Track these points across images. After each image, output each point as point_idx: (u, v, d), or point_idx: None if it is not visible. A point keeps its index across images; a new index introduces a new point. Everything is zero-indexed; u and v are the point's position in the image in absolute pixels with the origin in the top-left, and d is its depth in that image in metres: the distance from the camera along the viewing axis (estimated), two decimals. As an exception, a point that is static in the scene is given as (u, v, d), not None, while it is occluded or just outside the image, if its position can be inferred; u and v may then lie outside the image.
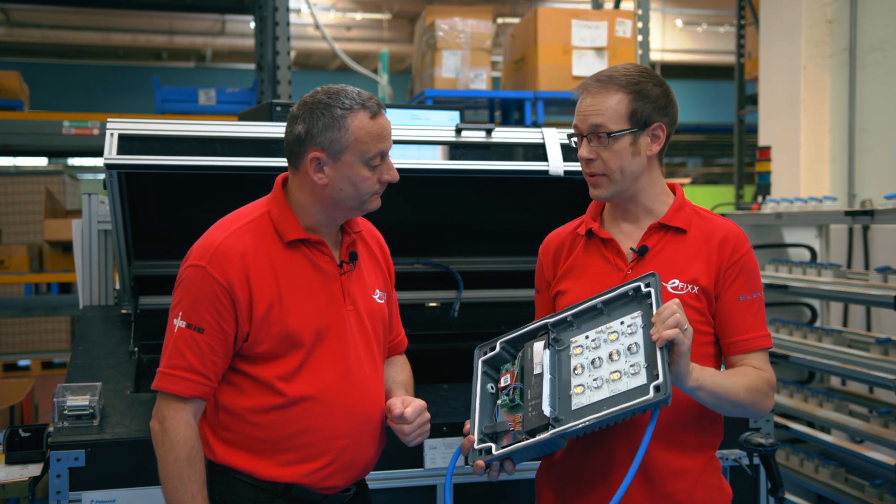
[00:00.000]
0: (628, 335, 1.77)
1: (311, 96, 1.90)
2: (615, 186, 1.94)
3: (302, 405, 1.88)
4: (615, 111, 1.90)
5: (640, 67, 1.96)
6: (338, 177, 1.87)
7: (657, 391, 1.63)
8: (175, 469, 1.81)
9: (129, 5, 10.20)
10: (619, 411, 1.66)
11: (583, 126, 1.94)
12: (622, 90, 1.90)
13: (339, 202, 1.90)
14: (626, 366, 1.72)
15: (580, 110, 1.94)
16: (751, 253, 1.96)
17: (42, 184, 8.53)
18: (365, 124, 1.86)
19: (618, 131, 1.90)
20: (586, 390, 1.75)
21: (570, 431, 1.70)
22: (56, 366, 8.79)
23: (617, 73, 1.93)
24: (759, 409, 1.89)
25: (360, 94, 1.89)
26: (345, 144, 1.85)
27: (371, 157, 1.87)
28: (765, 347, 1.93)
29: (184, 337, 1.84)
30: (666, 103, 1.94)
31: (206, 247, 1.87)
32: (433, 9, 6.16)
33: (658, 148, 1.95)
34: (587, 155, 1.94)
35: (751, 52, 8.08)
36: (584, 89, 1.95)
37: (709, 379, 1.78)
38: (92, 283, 3.17)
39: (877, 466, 3.84)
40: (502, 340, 1.99)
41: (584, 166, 1.96)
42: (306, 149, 1.87)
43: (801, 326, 4.47)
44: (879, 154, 5.95)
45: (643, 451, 1.66)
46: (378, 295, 2.05)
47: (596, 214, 2.06)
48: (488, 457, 1.79)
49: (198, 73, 14.93)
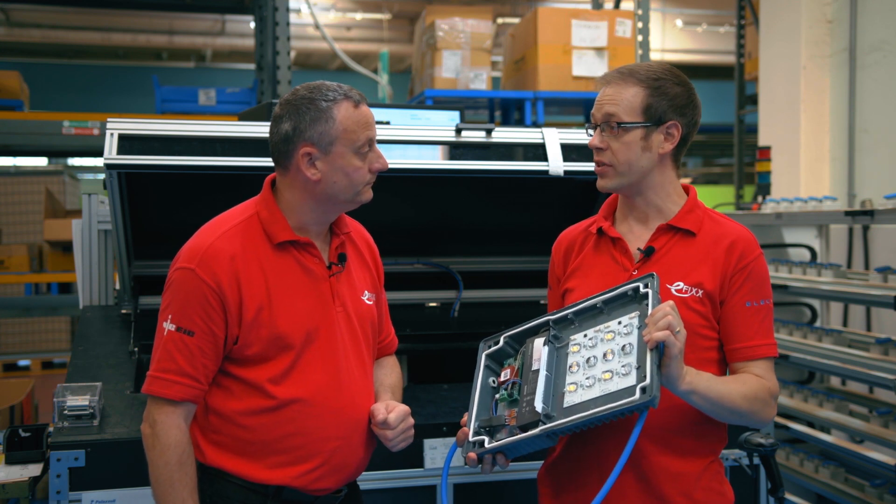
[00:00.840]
0: (624, 335, 1.77)
1: (292, 94, 1.91)
2: (621, 179, 1.94)
3: (292, 407, 1.87)
4: (630, 103, 1.91)
5: (667, 66, 1.98)
6: (330, 169, 1.87)
7: (643, 393, 1.63)
8: (166, 473, 1.81)
9: (129, 5, 10.21)
10: (604, 411, 1.66)
11: (598, 115, 1.95)
12: (640, 84, 1.91)
13: (333, 196, 1.90)
14: (618, 366, 1.72)
15: (598, 100, 1.96)
16: (760, 259, 1.93)
17: (42, 184, 8.53)
18: (350, 113, 1.87)
19: (629, 123, 1.90)
20: (579, 388, 1.75)
21: (557, 429, 1.71)
22: (56, 366, 8.79)
23: (640, 68, 1.95)
24: (759, 419, 1.87)
25: (339, 86, 1.91)
26: (334, 136, 1.86)
27: (360, 145, 1.88)
28: (769, 356, 1.91)
29: (174, 340, 1.83)
30: (685, 103, 1.94)
31: (196, 249, 1.87)
32: (433, 9, 6.16)
33: (671, 147, 1.94)
34: (597, 143, 1.95)
35: (751, 52, 8.08)
36: (605, 81, 1.96)
37: (703, 384, 1.75)
38: (92, 283, 3.18)
39: (877, 466, 3.84)
40: (506, 335, 1.99)
41: (595, 155, 1.97)
42: (296, 146, 1.87)
43: (801, 326, 4.47)
44: (879, 154, 5.96)
45: (628, 452, 1.64)
46: (367, 296, 2.05)
47: (608, 213, 2.06)
48: (480, 450, 1.80)
49: (198, 73, 14.93)
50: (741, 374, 1.89)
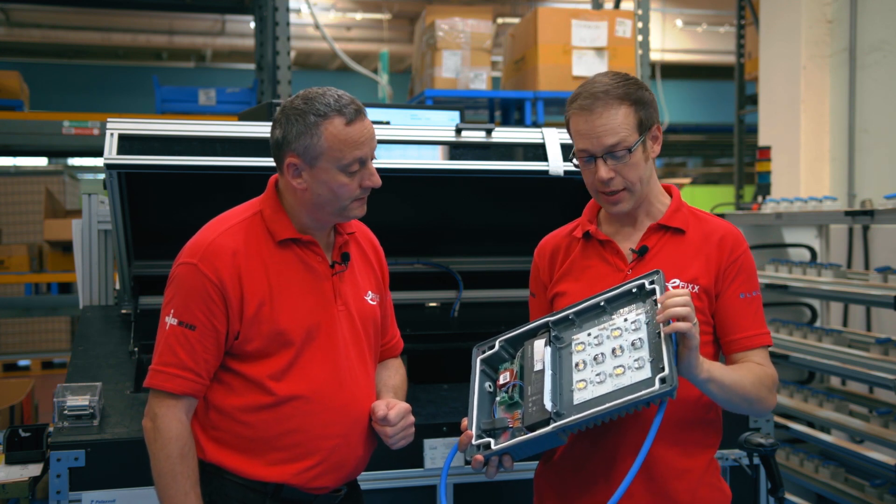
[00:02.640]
0: (632, 331, 1.77)
1: (290, 101, 1.90)
2: (636, 197, 1.94)
3: (292, 404, 1.88)
4: (627, 126, 1.87)
5: (620, 74, 1.93)
6: (315, 182, 1.87)
7: (662, 383, 1.63)
8: (167, 466, 1.81)
9: (129, 5, 10.20)
10: (623, 403, 1.66)
11: (596, 148, 1.89)
12: (623, 103, 1.88)
13: (320, 207, 1.90)
14: (630, 360, 1.73)
15: (588, 132, 1.89)
16: (748, 252, 1.97)
17: (42, 184, 8.54)
18: (339, 131, 1.84)
19: (635, 145, 1.89)
20: (588, 385, 1.75)
21: (572, 425, 1.70)
22: (56, 366, 8.80)
23: (609, 86, 1.88)
24: (764, 406, 1.89)
25: (338, 99, 1.86)
26: (319, 151, 1.84)
27: (347, 163, 1.85)
28: (766, 345, 1.94)
29: (175, 334, 1.84)
30: (653, 101, 1.94)
31: (198, 245, 1.88)
32: (433, 9, 6.17)
33: (659, 148, 1.97)
34: (607, 176, 1.89)
35: (751, 52, 8.08)
36: (584, 109, 1.89)
37: (718, 371, 1.78)
38: (92, 283, 3.18)
39: (877, 466, 3.84)
40: (501, 339, 1.99)
41: (602, 186, 1.92)
42: (283, 154, 1.88)
43: (801, 326, 4.47)
44: (879, 154, 5.95)
45: (649, 444, 1.65)
46: (370, 296, 2.05)
47: (592, 217, 2.06)
48: (487, 451, 1.79)
49: (198, 73, 14.92)
50: (743, 363, 1.91)
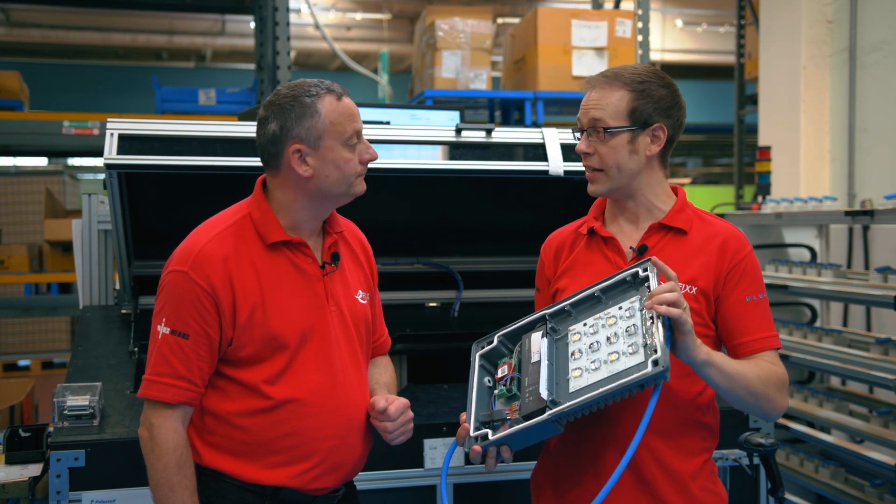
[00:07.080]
0: (626, 318, 1.77)
1: (275, 95, 1.92)
2: (611, 182, 1.95)
3: (287, 407, 1.88)
4: (615, 108, 1.92)
5: (651, 69, 1.97)
6: (321, 164, 1.88)
7: (655, 365, 1.62)
8: (165, 476, 1.81)
9: (129, 5, 10.20)
10: (616, 387, 1.66)
11: (584, 120, 1.96)
12: (625, 87, 1.92)
13: (326, 191, 1.91)
14: (624, 346, 1.72)
15: (583, 104, 1.97)
16: (752, 255, 1.96)
17: (42, 184, 8.54)
18: (335, 106, 1.88)
19: (615, 128, 1.91)
20: (584, 373, 1.75)
21: (567, 411, 1.70)
22: (56, 366, 8.79)
23: (624, 72, 1.95)
24: (773, 405, 1.86)
25: (320, 81, 1.92)
26: (321, 129, 1.87)
27: (348, 136, 1.89)
28: (775, 347, 1.92)
29: (168, 343, 1.83)
30: (670, 105, 1.94)
31: (188, 251, 1.87)
32: (433, 9, 6.16)
33: (658, 149, 1.95)
34: (585, 149, 1.96)
35: (751, 52, 8.08)
36: (590, 85, 1.97)
37: (719, 358, 1.77)
38: (92, 283, 3.18)
39: (877, 466, 3.84)
40: (500, 334, 1.99)
41: (583, 160, 1.99)
42: (284, 145, 1.88)
43: (801, 326, 4.47)
44: (879, 154, 5.95)
45: (642, 431, 1.63)
46: (361, 295, 2.05)
47: (598, 213, 2.08)
48: (485, 442, 1.80)
49: (198, 73, 14.92)
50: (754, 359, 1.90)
